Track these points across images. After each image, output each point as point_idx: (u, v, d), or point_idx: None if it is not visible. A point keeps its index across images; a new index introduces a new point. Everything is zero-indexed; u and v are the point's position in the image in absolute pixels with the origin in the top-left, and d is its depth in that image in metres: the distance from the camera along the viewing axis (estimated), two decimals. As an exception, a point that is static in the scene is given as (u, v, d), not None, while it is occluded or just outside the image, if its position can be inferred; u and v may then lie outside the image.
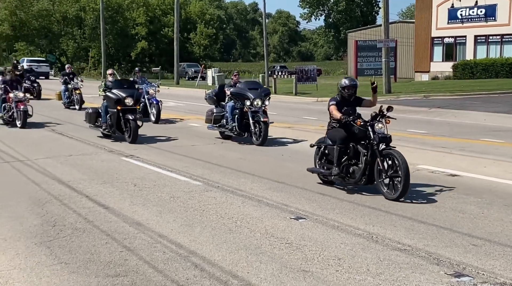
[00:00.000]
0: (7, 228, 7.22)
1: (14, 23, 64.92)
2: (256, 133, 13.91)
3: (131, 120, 14.07)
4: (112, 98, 14.39)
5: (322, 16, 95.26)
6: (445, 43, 45.75)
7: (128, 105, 14.26)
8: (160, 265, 5.82)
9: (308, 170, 9.68)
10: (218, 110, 14.97)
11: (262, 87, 14.93)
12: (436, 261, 5.88)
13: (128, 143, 14.02)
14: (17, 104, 17.42)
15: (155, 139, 15.00)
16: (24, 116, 17.26)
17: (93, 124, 15.37)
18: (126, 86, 14.98)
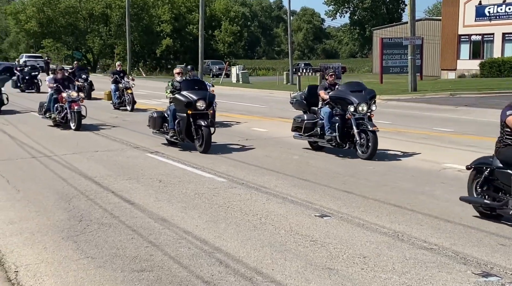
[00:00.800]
0: (35, 222, 7.32)
1: (41, 20, 65.77)
2: (363, 144, 11.54)
3: (204, 127, 12.22)
4: (182, 101, 12.50)
5: (347, 14, 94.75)
6: (472, 41, 45.17)
7: (200, 109, 12.38)
8: (185, 261, 5.85)
9: (462, 199, 7.51)
10: (310, 117, 12.70)
11: (366, 89, 12.30)
12: (463, 261, 5.81)
13: (200, 152, 12.30)
14: (71, 105, 16.14)
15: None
16: (79, 117, 16.02)
17: (158, 130, 13.61)
18: (197, 87, 12.96)
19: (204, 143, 12.23)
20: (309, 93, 13.14)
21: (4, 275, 5.56)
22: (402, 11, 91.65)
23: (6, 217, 7.55)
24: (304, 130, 12.61)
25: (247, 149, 13.08)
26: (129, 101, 21.55)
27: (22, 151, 12.80)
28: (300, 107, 13.44)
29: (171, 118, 12.87)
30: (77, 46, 69.68)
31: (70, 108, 16.12)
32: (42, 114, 17.40)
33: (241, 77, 43.62)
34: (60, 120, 16.53)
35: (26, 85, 31.85)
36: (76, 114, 16.00)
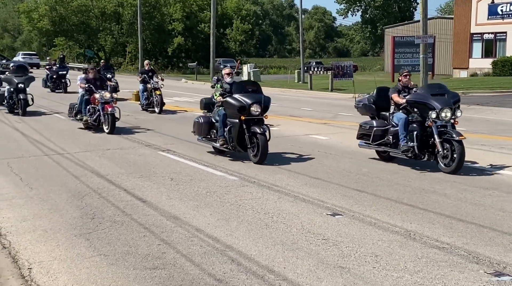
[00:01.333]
0: (48, 219, 7.37)
1: (54, 18, 66.10)
2: (446, 156, 10.02)
3: (259, 134, 10.84)
4: (234, 105, 11.12)
5: (359, 12, 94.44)
6: (484, 39, 44.86)
7: (255, 114, 11.00)
8: (197, 259, 5.87)
9: None
10: (380, 123, 11.22)
11: (449, 92, 10.81)
12: (476, 260, 5.79)
13: (254, 163, 10.94)
14: (104, 106, 15.10)
15: (190, 134, 15.07)
16: (112, 120, 15.01)
17: (205, 136, 12.26)
18: (251, 89, 11.37)
19: (260, 152, 10.85)
20: (378, 96, 11.62)
21: (18, 272, 5.61)
22: (414, 9, 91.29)
23: (19, 214, 7.61)
24: (373, 138, 11.11)
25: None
26: (158, 102, 20.29)
27: (35, 148, 12.89)
28: (367, 112, 11.85)
29: (221, 124, 11.48)
30: (89, 44, 69.98)
31: (103, 110, 15.10)
32: (73, 116, 16.49)
33: (252, 76, 43.58)
34: (92, 123, 15.46)
35: (54, 85, 30.41)
36: (109, 116, 15.00)
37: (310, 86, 33.25)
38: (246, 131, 11.05)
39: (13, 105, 19.69)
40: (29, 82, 20.14)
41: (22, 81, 19.46)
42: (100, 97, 15.13)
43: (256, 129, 10.91)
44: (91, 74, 15.99)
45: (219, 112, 11.70)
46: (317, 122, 17.51)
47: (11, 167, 10.74)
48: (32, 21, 66.82)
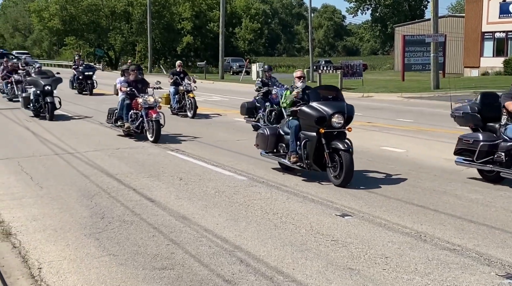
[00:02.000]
0: (58, 219, 7.39)
1: (64, 17, 66.39)
2: None
3: (343, 151, 8.93)
4: (311, 116, 9.24)
5: (369, 10, 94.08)
6: (496, 38, 44.60)
7: (336, 126, 9.18)
8: (206, 259, 5.86)
9: None
10: (487, 137, 9.18)
11: None
12: (487, 262, 5.74)
13: (335, 185, 9.09)
14: (148, 112, 13.53)
15: (199, 134, 15.09)
16: (157, 127, 13.45)
17: (272, 150, 10.38)
18: (330, 96, 9.59)
19: (344, 173, 8.90)
20: (483, 103, 9.70)
21: (28, 272, 5.63)
22: (424, 8, 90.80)
23: (29, 213, 7.64)
24: (477, 155, 9.09)
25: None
26: (191, 106, 18.71)
27: (45, 147, 12.94)
28: (468, 122, 9.90)
29: (293, 137, 9.66)
30: (99, 44, 70.22)
31: (147, 116, 13.55)
32: (112, 123, 14.93)
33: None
34: (135, 130, 13.95)
35: (80, 86, 28.48)
36: (154, 123, 13.43)
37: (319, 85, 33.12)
38: (326, 146, 9.14)
39: (40, 109, 18.34)
40: (56, 84, 18.90)
41: (49, 83, 18.17)
42: (144, 101, 13.64)
43: (338, 144, 9.02)
44: (132, 76, 14.47)
45: (290, 123, 9.80)
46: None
47: (22, 166, 10.79)
48: (42, 20, 67.14)
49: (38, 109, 18.35)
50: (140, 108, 13.75)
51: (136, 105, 13.97)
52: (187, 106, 18.84)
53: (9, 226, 7.08)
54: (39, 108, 18.33)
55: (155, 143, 13.27)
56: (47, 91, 18.00)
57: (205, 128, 16.24)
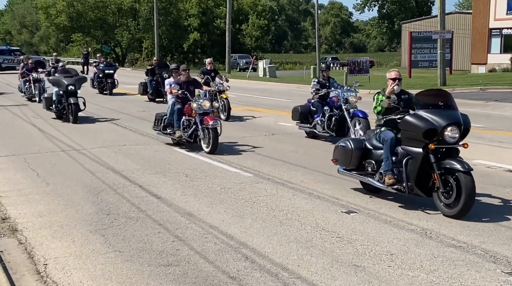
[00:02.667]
0: (64, 215, 7.42)
1: (71, 14, 66.48)
2: None
3: (462, 173, 7.08)
4: (418, 127, 7.42)
5: (376, 7, 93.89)
6: (503, 35, 44.39)
7: (450, 141, 7.36)
8: (211, 256, 5.86)
9: None
10: None
11: None
12: (493, 259, 5.72)
13: (446, 215, 7.22)
14: (203, 119, 11.72)
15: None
16: (214, 136, 11.59)
17: (355, 167, 8.45)
18: (442, 103, 7.65)
19: (463, 201, 7.01)
20: None
21: (34, 268, 5.65)
22: (431, 4, 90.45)
23: (35, 210, 7.67)
24: None
25: (273, 143, 13.05)
26: (224, 108, 17.06)
27: (52, 144, 12.98)
28: None
29: (388, 153, 7.81)
30: (106, 40, 70.30)
31: (202, 123, 11.76)
32: (159, 130, 12.97)
33: (268, 71, 43.52)
34: (187, 139, 12.14)
35: (100, 85, 26.74)
36: (211, 131, 11.60)
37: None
38: (436, 166, 7.31)
39: (62, 111, 17.14)
40: (80, 83, 17.69)
41: (73, 82, 16.93)
42: (198, 106, 11.80)
43: (455, 164, 7.16)
44: (183, 76, 12.59)
45: (384, 135, 7.97)
46: (333, 118, 17.41)
47: (28, 163, 10.83)
48: (49, 17, 67.24)
49: (61, 110, 17.21)
50: (194, 114, 11.90)
51: (189, 111, 12.15)
52: (220, 108, 16.92)
53: (15, 222, 7.11)
54: (62, 110, 17.17)
55: (211, 154, 11.52)
56: (70, 91, 16.77)
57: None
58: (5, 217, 7.35)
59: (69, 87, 16.76)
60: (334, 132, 12.86)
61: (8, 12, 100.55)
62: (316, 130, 13.34)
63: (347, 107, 12.78)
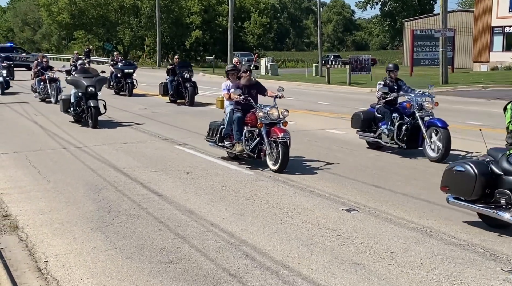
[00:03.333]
0: (65, 212, 7.43)
1: (73, 12, 66.51)
2: None
3: None
4: None
5: (378, 5, 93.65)
6: (505, 33, 44.32)
7: None
8: (212, 254, 5.87)
9: None
10: None
11: None
12: (493, 257, 5.72)
13: None
14: (271, 130, 9.83)
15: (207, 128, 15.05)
16: (284, 151, 9.57)
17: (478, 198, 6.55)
18: None
19: None
20: None
21: (35, 265, 5.67)
22: (434, 2, 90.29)
23: (36, 207, 7.68)
24: None
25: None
26: None
27: (53, 141, 12.99)
28: None
29: None
30: (108, 38, 70.32)
31: (269, 135, 9.80)
32: (214, 142, 10.99)
33: (270, 69, 43.54)
34: (250, 154, 10.11)
35: (117, 86, 25.01)
36: (280, 146, 9.59)
37: (328, 80, 33.07)
38: None
39: (81, 114, 15.75)
40: (101, 84, 16.47)
41: (93, 83, 15.54)
42: (265, 115, 9.94)
43: None
44: (244, 79, 10.60)
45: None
46: (334, 116, 17.42)
47: (30, 160, 10.85)
48: (51, 14, 67.29)
49: (80, 114, 15.78)
50: (260, 125, 9.94)
51: (252, 120, 10.21)
52: None
53: (17, 219, 7.13)
54: (81, 113, 15.74)
55: (279, 172, 9.60)
56: (90, 93, 15.38)
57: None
58: (6, 214, 7.37)
59: (88, 89, 15.39)
60: (404, 144, 10.96)
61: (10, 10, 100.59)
62: (381, 141, 11.49)
63: (422, 115, 10.84)
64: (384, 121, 11.49)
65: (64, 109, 16.43)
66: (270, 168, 9.80)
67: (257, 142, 10.05)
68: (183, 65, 21.79)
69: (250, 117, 10.25)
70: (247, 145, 10.12)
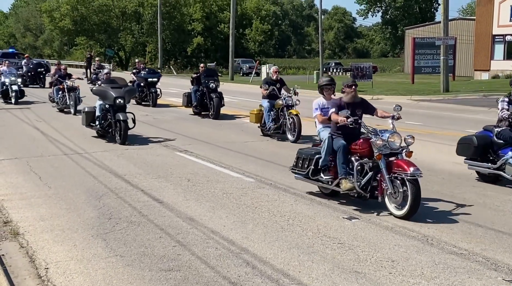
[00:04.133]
0: (66, 219, 7.43)
1: (75, 18, 66.70)
2: None
3: None
4: None
5: (379, 13, 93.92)
6: (506, 41, 44.36)
7: None
8: (212, 261, 5.87)
9: None
10: None
11: None
12: (494, 267, 5.71)
13: None
14: (394, 163, 7.61)
15: (208, 135, 15.10)
16: (416, 193, 7.35)
17: None
18: None
19: None
20: None
21: (35, 272, 5.66)
22: (435, 10, 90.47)
23: (37, 213, 7.68)
24: None
25: (276, 148, 13.06)
26: (293, 126, 13.91)
27: (54, 148, 13.00)
28: None
29: None
30: (109, 44, 70.46)
31: (391, 170, 7.54)
32: (304, 175, 8.68)
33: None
34: (361, 192, 7.80)
35: (140, 95, 22.88)
36: (409, 186, 7.31)
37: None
38: None
39: (107, 128, 14.17)
40: (130, 96, 15.17)
41: (121, 94, 13.97)
42: (384, 144, 7.62)
43: None
44: (348, 95, 8.30)
45: None
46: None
47: (31, 166, 10.85)
48: (54, 20, 67.47)
49: (106, 128, 14.24)
50: (378, 157, 7.61)
51: (363, 150, 7.90)
52: (288, 126, 14.06)
53: (17, 225, 7.13)
54: (107, 127, 14.20)
55: (406, 219, 7.34)
56: (119, 105, 13.83)
57: (216, 130, 16.24)
58: (7, 220, 7.37)
59: (117, 101, 13.81)
60: None
61: (12, 15, 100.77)
62: (505, 173, 9.03)
63: None
64: (508, 148, 9.11)
65: (86, 122, 14.86)
66: (392, 212, 7.51)
67: (370, 177, 7.76)
68: (209, 73, 19.74)
69: (361, 146, 7.91)
70: (358, 180, 7.79)
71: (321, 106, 9.00)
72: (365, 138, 7.97)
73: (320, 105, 9.04)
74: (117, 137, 13.66)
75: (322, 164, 8.35)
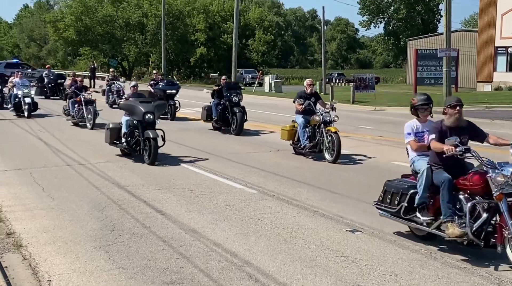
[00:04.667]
0: (68, 231, 7.43)
1: (79, 28, 66.96)
2: None
3: None
4: None
5: (382, 24, 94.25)
6: (509, 53, 44.38)
7: None
8: (215, 274, 5.85)
9: None
10: None
11: None
12: (498, 281, 5.69)
13: None
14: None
15: (210, 146, 15.10)
16: None
17: None
18: None
19: None
20: None
21: (38, 284, 5.65)
22: (437, 22, 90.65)
23: (40, 225, 7.68)
24: None
25: (278, 159, 13.05)
26: (332, 145, 12.56)
27: (57, 158, 13.01)
28: None
29: None
30: (113, 54, 70.69)
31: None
32: (392, 213, 7.24)
33: (273, 86, 43.67)
34: (474, 240, 6.24)
35: None
36: None
37: (332, 98, 33.13)
38: None
39: (134, 146, 12.96)
40: (160, 111, 13.99)
41: (151, 109, 12.75)
42: (506, 180, 6.10)
43: None
44: (451, 118, 6.98)
45: None
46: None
47: (34, 177, 10.86)
48: (58, 30, 67.73)
49: (133, 146, 12.99)
50: (498, 197, 6.15)
51: (476, 186, 6.41)
52: (326, 144, 12.74)
53: (20, 237, 7.13)
54: (134, 145, 12.99)
55: None
56: (148, 121, 12.63)
57: (217, 141, 16.24)
58: (10, 232, 7.37)
59: (146, 116, 12.58)
60: None
61: (16, 26, 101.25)
62: None
63: None
64: None
65: (110, 140, 13.58)
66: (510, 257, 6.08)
67: (484, 220, 6.26)
68: (231, 86, 18.56)
69: (475, 182, 6.40)
70: (470, 225, 6.24)
71: (415, 130, 7.50)
72: (479, 171, 6.47)
73: (414, 129, 7.50)
74: (145, 156, 12.49)
75: (419, 201, 6.84)
